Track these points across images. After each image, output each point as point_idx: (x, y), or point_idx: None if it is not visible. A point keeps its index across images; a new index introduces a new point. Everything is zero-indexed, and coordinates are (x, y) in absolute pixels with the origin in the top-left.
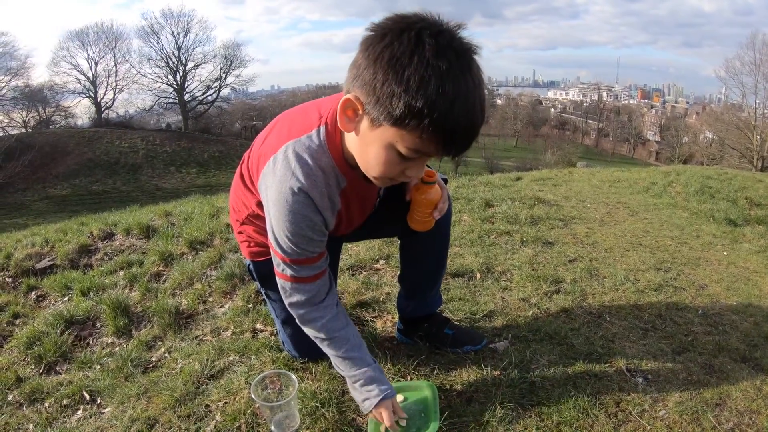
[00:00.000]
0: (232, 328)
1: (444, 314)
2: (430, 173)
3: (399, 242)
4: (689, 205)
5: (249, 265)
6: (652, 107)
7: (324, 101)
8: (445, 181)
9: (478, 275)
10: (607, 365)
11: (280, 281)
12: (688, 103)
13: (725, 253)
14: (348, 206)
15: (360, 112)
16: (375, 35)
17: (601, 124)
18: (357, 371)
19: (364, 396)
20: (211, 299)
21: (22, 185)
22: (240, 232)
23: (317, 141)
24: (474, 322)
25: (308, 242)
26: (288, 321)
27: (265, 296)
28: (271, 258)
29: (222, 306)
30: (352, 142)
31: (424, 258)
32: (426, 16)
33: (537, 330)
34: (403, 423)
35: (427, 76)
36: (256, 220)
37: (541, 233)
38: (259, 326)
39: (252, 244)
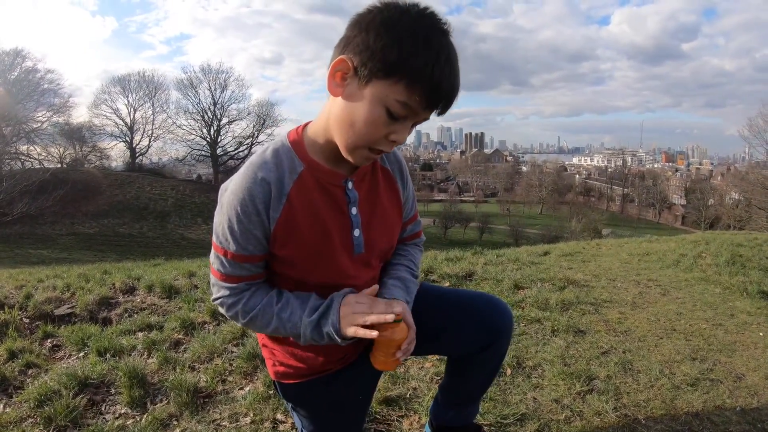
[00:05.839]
0: (252, 415)
1: (475, 419)
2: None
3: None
4: (721, 278)
5: (275, 382)
6: (676, 170)
7: None
8: (415, 276)
9: (509, 371)
10: None
11: (210, 276)
12: (712, 164)
13: (761, 334)
14: (309, 203)
15: (350, 73)
16: (360, 15)
17: (626, 190)
18: (299, 315)
19: (323, 324)
20: (230, 379)
21: (52, 219)
22: (264, 345)
23: (278, 138)
24: (504, 427)
25: (243, 232)
26: None
27: (291, 409)
28: (301, 381)
29: (242, 388)
30: (334, 110)
31: (480, 371)
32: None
33: None
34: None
35: (416, 30)
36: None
37: (572, 320)
38: (279, 416)
39: (276, 364)
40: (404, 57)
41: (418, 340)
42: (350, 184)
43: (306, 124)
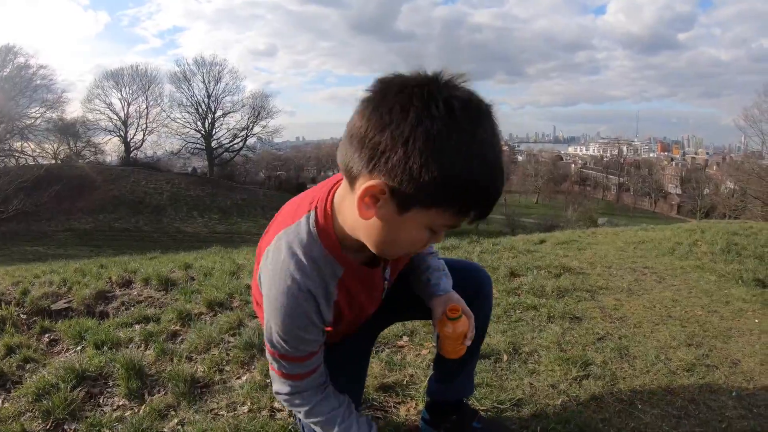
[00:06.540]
0: (249, 404)
1: (471, 404)
2: (455, 308)
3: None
4: (716, 266)
5: None
6: (672, 160)
7: (318, 186)
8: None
9: (505, 357)
10: None
11: (270, 371)
12: (708, 153)
13: (756, 321)
14: (350, 295)
15: (384, 196)
16: (392, 112)
17: (621, 179)
18: None
19: None
20: (228, 368)
21: (47, 215)
22: (257, 303)
23: (306, 228)
24: (501, 412)
25: (300, 341)
26: None
27: None
28: None
29: (239, 377)
30: (362, 225)
31: None
32: (438, 76)
33: (567, 421)
34: None
35: (471, 150)
36: None
37: (568, 307)
38: (277, 405)
39: None
40: (459, 192)
41: (403, 307)
42: (387, 270)
43: (332, 193)
